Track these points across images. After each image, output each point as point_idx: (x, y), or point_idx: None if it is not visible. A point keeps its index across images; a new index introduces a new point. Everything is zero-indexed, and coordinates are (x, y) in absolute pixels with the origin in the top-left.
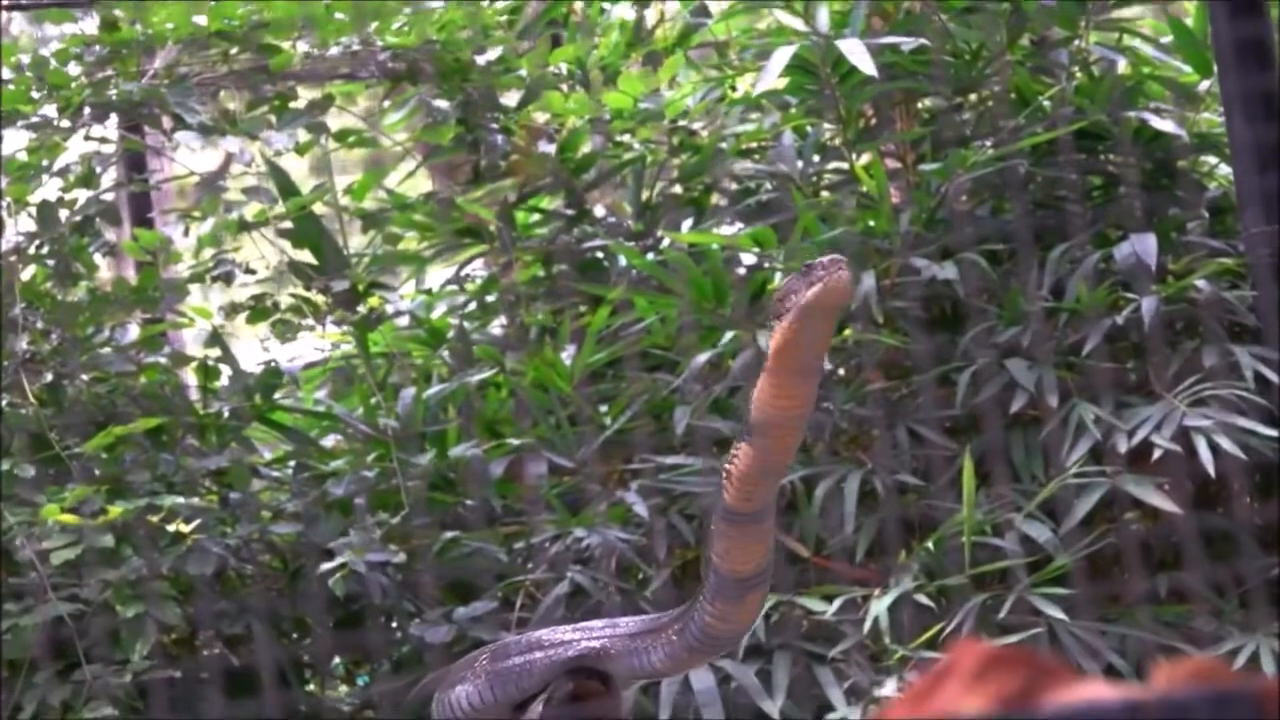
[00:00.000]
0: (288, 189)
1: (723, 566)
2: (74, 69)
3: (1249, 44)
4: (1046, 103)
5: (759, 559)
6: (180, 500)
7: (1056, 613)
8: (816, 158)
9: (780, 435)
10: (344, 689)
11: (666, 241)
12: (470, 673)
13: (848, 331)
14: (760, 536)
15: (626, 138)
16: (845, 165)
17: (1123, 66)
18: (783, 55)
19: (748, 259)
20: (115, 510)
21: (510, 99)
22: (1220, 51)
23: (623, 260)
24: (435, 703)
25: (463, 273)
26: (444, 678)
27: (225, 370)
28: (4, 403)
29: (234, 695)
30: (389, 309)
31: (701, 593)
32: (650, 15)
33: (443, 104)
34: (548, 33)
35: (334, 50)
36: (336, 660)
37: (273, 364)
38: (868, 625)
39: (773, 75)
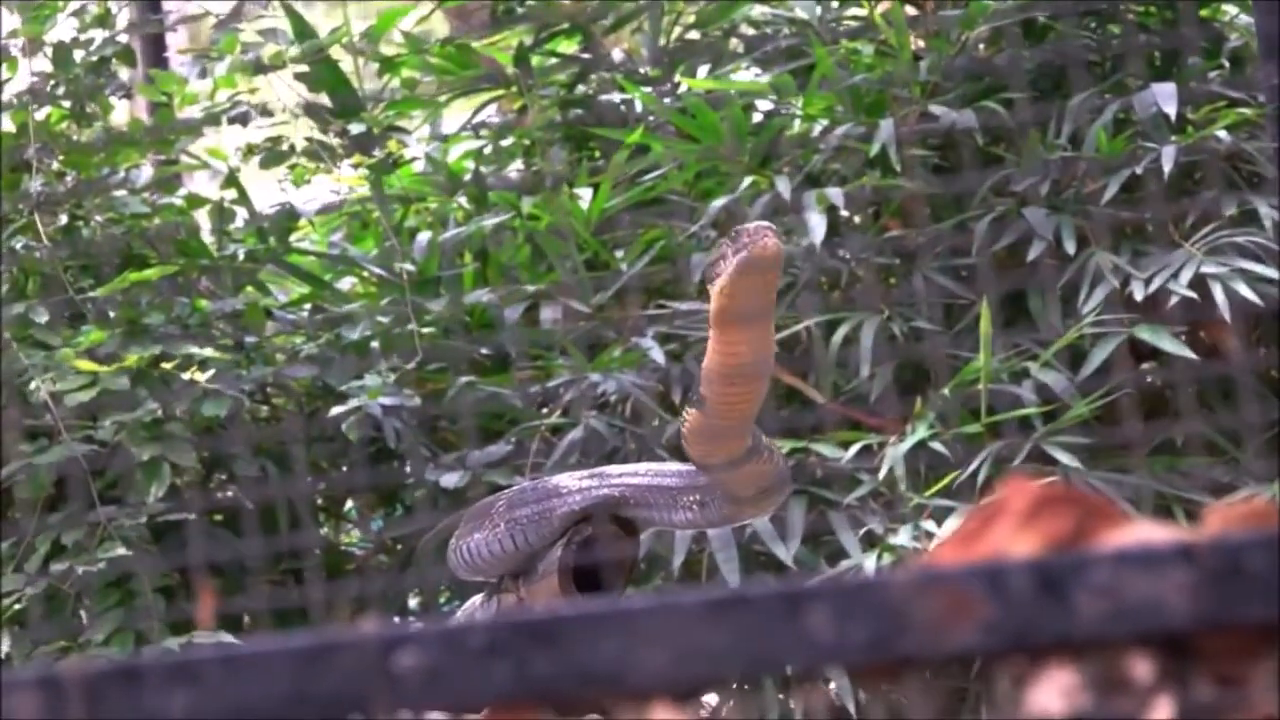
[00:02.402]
0: (304, 32)
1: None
2: None
3: None
4: None
5: (754, 484)
6: (195, 349)
7: (1072, 461)
8: (835, 3)
9: (731, 392)
10: (356, 533)
11: (684, 87)
12: (488, 520)
13: (865, 179)
14: (745, 475)
15: None
16: (863, 11)
17: None
18: None
19: (764, 105)
20: (131, 359)
21: None
22: None
23: (639, 105)
24: (451, 550)
25: (478, 118)
26: (459, 523)
27: (241, 212)
28: (18, 244)
29: (247, 537)
30: (405, 153)
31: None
32: None
33: None
34: None
35: None
36: (350, 504)
37: (288, 206)
38: (883, 472)
39: None
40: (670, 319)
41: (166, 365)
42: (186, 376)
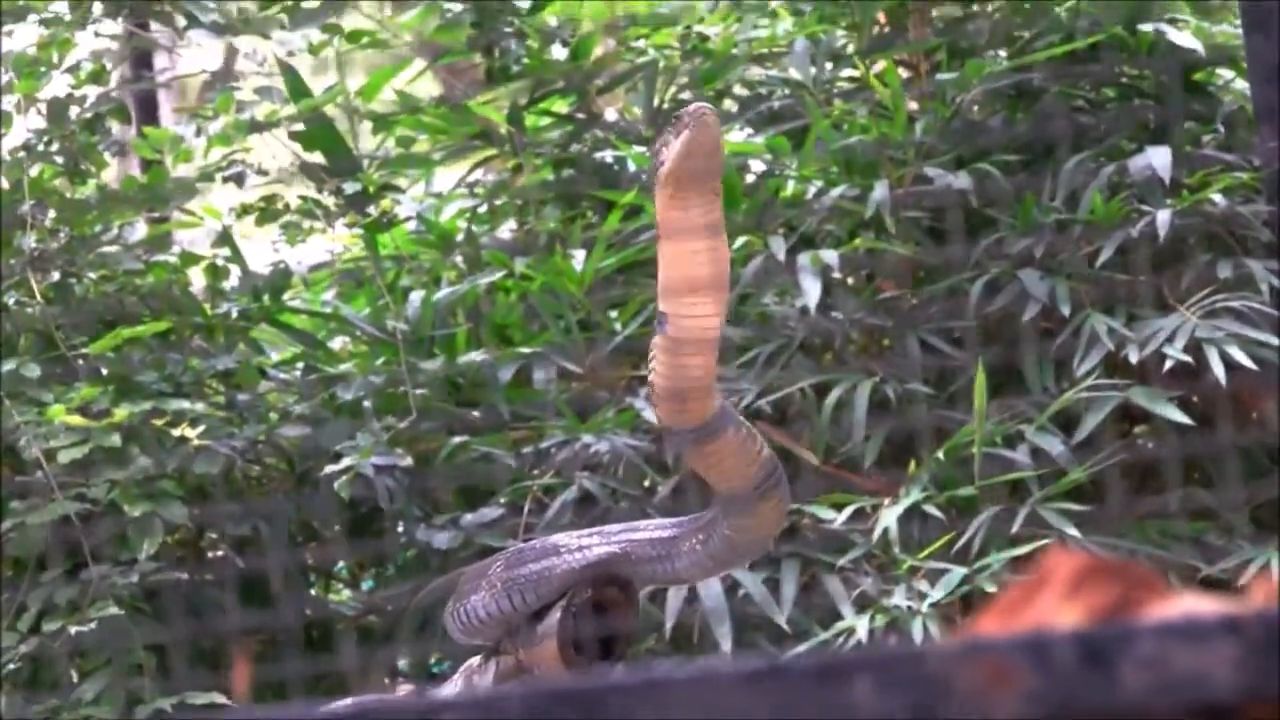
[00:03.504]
0: (299, 90)
1: (715, 485)
2: None
3: None
4: (1063, 13)
5: (741, 473)
6: (187, 405)
7: (1068, 528)
8: (830, 65)
9: (690, 312)
10: (348, 594)
11: None
12: (485, 581)
13: (857, 241)
14: (729, 450)
15: (641, 43)
16: (858, 73)
17: None
18: None
19: (757, 166)
20: (121, 414)
21: (524, 1)
22: None
23: (633, 165)
24: (449, 613)
25: (472, 176)
26: (456, 587)
27: (234, 270)
28: (11, 300)
29: (239, 597)
30: (399, 212)
31: (716, 503)
32: None
33: (456, 5)
34: None
35: None
36: (341, 564)
37: (282, 265)
38: (877, 535)
39: None
40: None
41: (158, 422)
42: (178, 433)
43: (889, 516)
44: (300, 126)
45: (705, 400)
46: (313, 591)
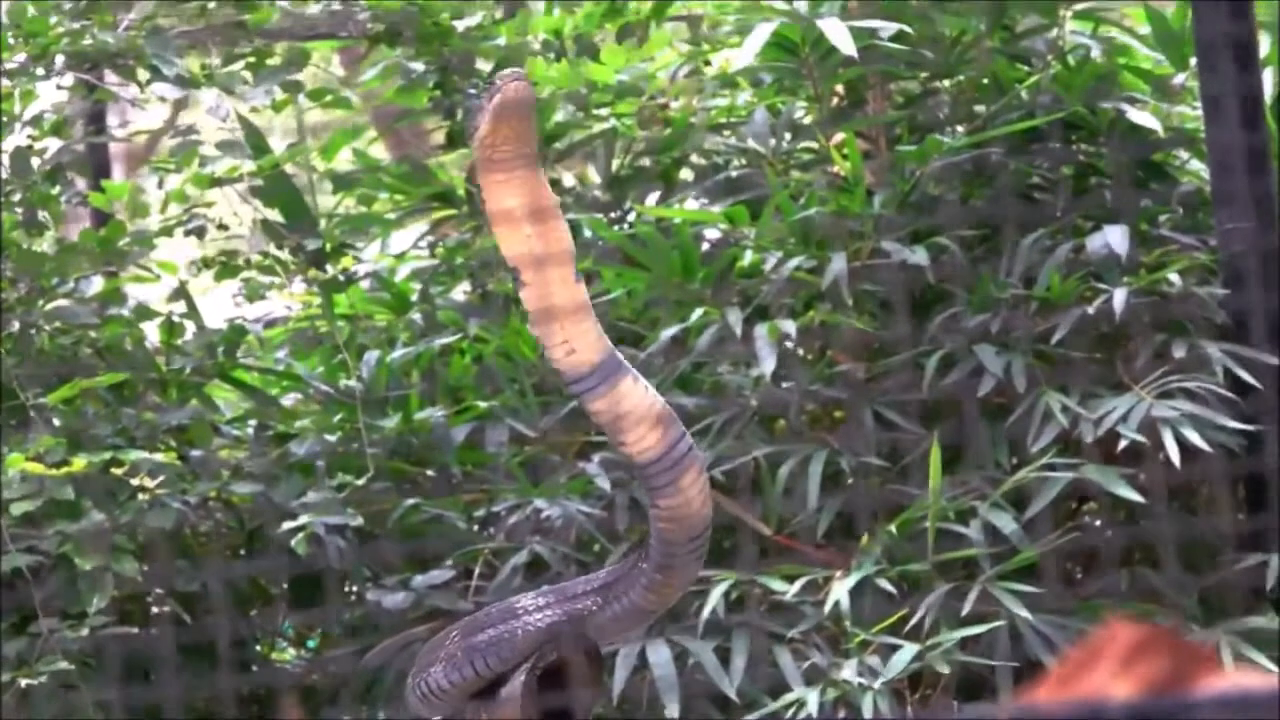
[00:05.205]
0: (260, 147)
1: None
2: (51, 18)
3: (1232, 44)
4: (1023, 91)
5: (646, 431)
6: (143, 455)
7: (1019, 608)
8: (789, 136)
9: (539, 269)
10: (292, 653)
11: (634, 214)
12: (443, 651)
13: (812, 312)
14: (629, 401)
15: (603, 110)
16: (816, 145)
17: (1098, 55)
18: (763, 32)
19: (712, 234)
20: (78, 463)
21: (487, 66)
22: (1203, 50)
23: (589, 231)
24: (409, 688)
25: (428, 238)
26: (404, 649)
27: (190, 326)
28: None
29: (185, 654)
30: (357, 270)
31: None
32: None
33: (418, 66)
34: (525, 2)
35: (313, 8)
36: (287, 623)
37: (238, 321)
38: (828, 607)
39: (751, 52)
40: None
41: (116, 471)
42: (136, 482)
43: (840, 589)
44: (259, 183)
45: (588, 336)
46: (257, 648)
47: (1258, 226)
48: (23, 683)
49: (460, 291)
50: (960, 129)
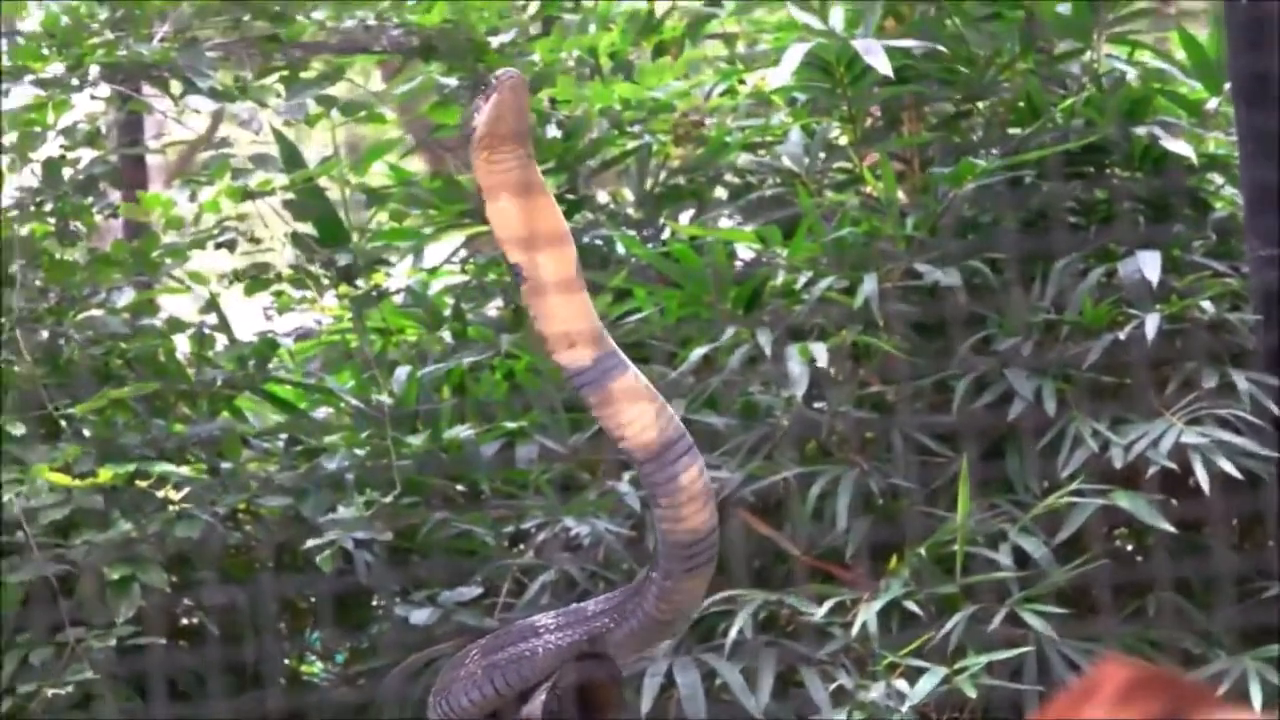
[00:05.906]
0: (293, 160)
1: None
2: (89, 27)
3: (1264, 76)
4: (1059, 114)
5: (645, 425)
6: (171, 467)
7: (1045, 628)
8: (823, 155)
9: (538, 261)
10: (320, 665)
11: (668, 232)
12: (464, 670)
13: (846, 333)
14: (628, 395)
15: (636, 128)
16: (850, 165)
17: (1133, 79)
18: (797, 51)
19: (745, 253)
20: (106, 474)
21: None
22: (1236, 81)
23: (622, 248)
24: (431, 706)
25: (461, 253)
26: (427, 665)
27: (220, 338)
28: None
29: (212, 666)
30: (389, 285)
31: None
32: (660, 4)
33: (452, 81)
34: (560, 18)
35: (349, 23)
36: (315, 635)
37: (270, 334)
38: (856, 629)
39: (787, 71)
40: None
41: (143, 484)
42: (161, 494)
43: (869, 611)
44: (292, 196)
45: (589, 332)
46: (286, 661)
47: None
48: (49, 692)
49: (492, 308)
50: (994, 151)
